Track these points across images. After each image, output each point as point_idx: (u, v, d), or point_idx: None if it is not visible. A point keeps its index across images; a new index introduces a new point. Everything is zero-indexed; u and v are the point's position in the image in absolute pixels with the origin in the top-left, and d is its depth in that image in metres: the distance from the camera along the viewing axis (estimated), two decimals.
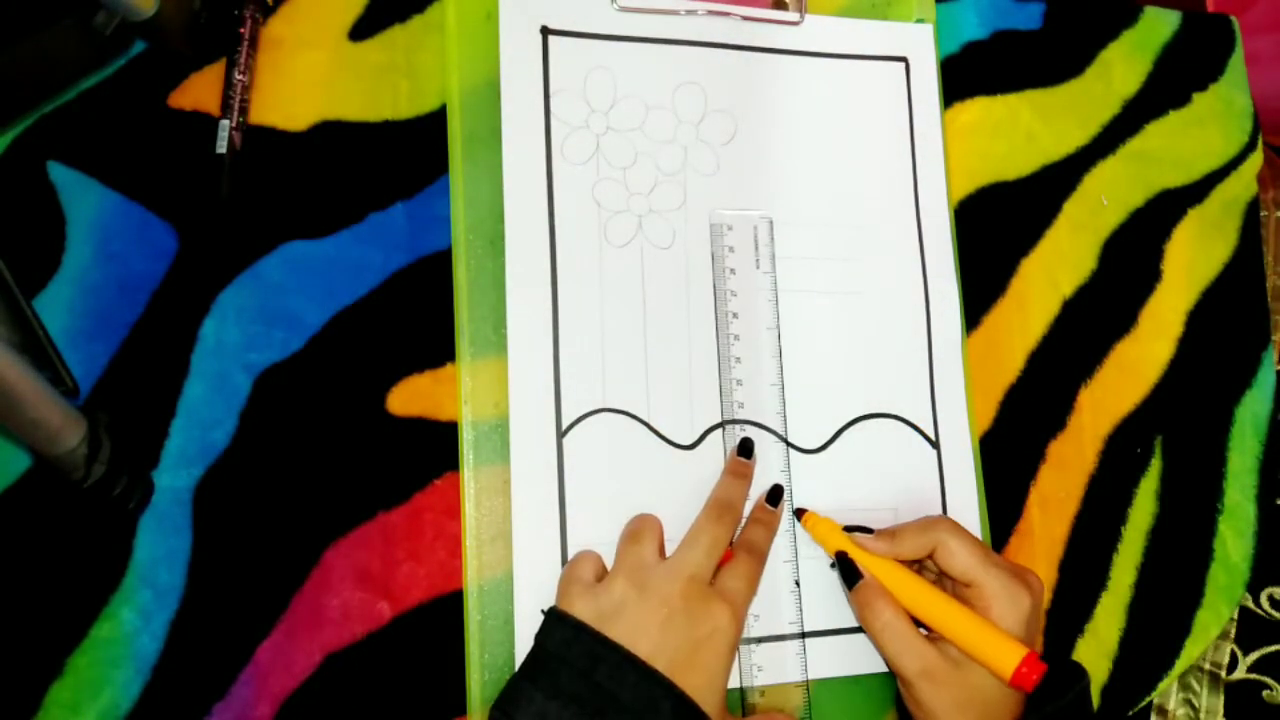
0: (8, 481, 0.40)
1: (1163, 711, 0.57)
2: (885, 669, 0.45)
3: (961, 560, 0.42)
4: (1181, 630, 0.53)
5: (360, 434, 0.43)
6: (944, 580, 0.44)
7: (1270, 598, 0.58)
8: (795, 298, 0.48)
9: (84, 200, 0.42)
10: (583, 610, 0.39)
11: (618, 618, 0.38)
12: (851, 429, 0.48)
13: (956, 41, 0.56)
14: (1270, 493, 0.56)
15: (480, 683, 0.41)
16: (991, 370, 0.52)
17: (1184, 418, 0.55)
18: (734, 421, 0.46)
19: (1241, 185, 0.60)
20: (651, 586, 0.39)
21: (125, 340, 0.42)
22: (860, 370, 0.49)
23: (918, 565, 0.45)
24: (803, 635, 0.45)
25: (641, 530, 0.42)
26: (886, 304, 0.50)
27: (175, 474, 0.41)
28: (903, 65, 0.53)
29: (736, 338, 0.47)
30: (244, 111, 0.44)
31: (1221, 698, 0.57)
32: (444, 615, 0.42)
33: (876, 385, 0.49)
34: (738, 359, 0.46)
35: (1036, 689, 0.40)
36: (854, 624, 0.45)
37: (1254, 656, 0.57)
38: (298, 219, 0.44)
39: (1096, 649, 0.51)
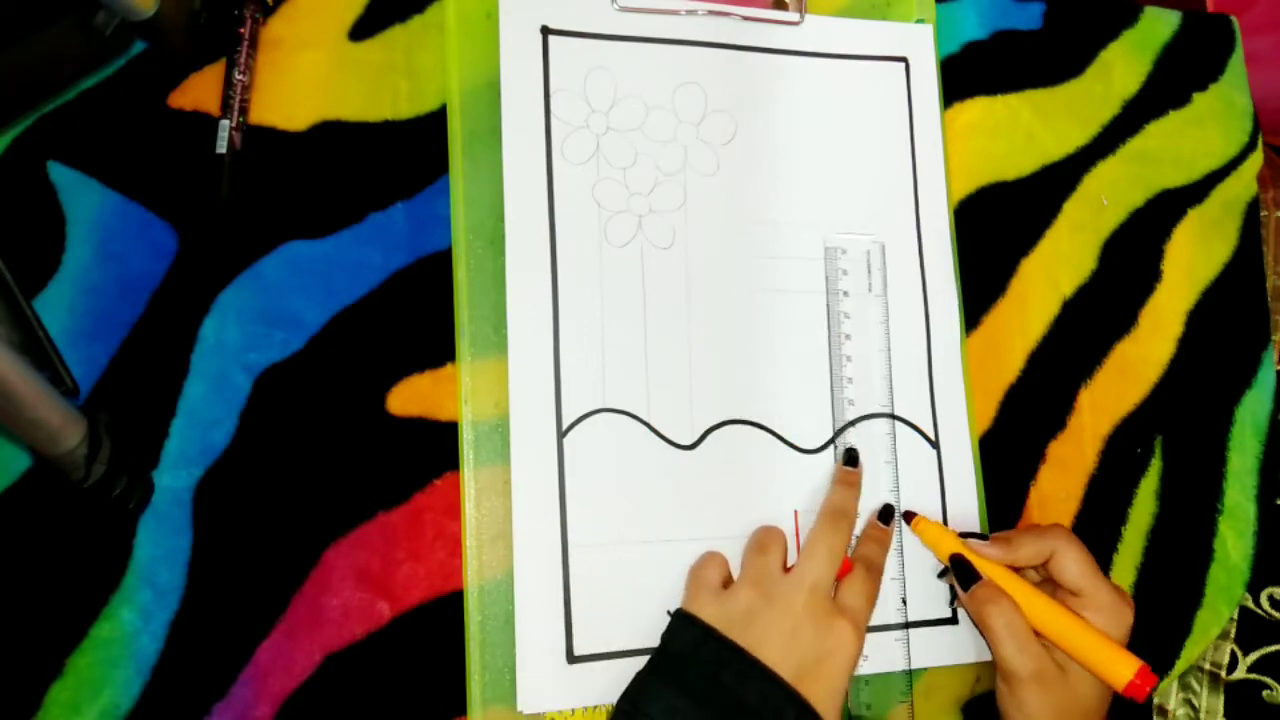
0: (8, 481, 0.40)
1: (1163, 711, 0.57)
2: (897, 668, 0.45)
3: (1075, 570, 0.43)
4: (1182, 630, 0.53)
5: (360, 434, 0.43)
6: (1046, 586, 0.45)
7: (1270, 598, 0.58)
8: (794, 297, 0.48)
9: (84, 200, 0.42)
10: (711, 615, 0.40)
11: (745, 625, 0.39)
12: (851, 429, 0.48)
13: (956, 41, 0.56)
14: (1270, 493, 0.56)
15: (481, 683, 0.41)
16: (991, 370, 0.52)
17: (1184, 418, 0.55)
18: (735, 422, 0.46)
19: (1241, 185, 0.60)
20: (777, 596, 0.40)
21: (125, 340, 0.42)
22: (860, 370, 0.49)
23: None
24: (906, 625, 0.46)
25: (768, 541, 0.43)
26: (886, 304, 0.50)
27: (175, 474, 0.41)
28: (903, 65, 0.53)
29: (849, 359, 0.48)
30: (244, 111, 0.44)
31: (1221, 698, 0.57)
32: (444, 615, 0.42)
33: (876, 386, 0.49)
34: (849, 380, 0.48)
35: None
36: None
37: (1254, 656, 0.57)
38: (298, 219, 0.44)
39: None
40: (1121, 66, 0.59)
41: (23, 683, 0.39)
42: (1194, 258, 0.58)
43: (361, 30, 0.47)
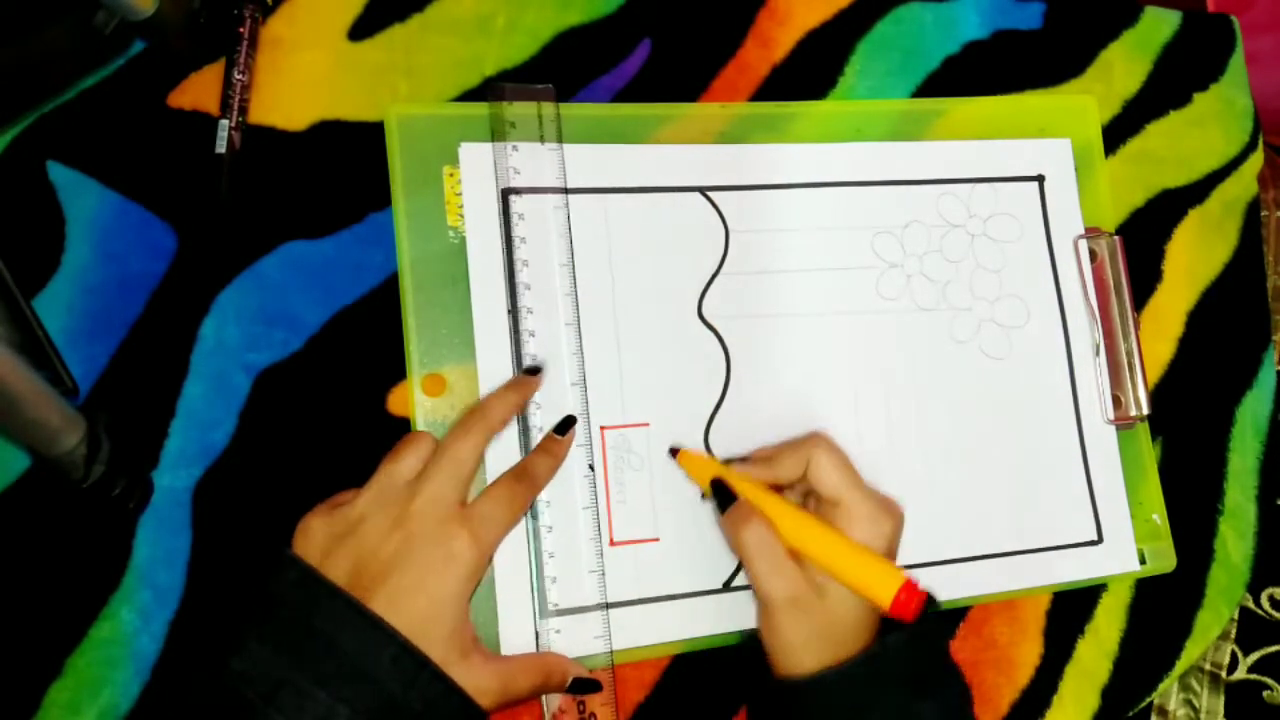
0: (7, 481, 0.40)
1: (1163, 712, 0.57)
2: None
3: (834, 477, 0.41)
4: (1182, 631, 0.53)
5: (360, 434, 0.43)
6: (810, 501, 0.43)
7: (1270, 598, 0.58)
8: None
9: (83, 200, 0.42)
10: (318, 527, 0.37)
11: (350, 536, 0.37)
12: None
13: (957, 41, 0.56)
14: (1271, 493, 0.56)
15: None
16: None
17: (1185, 418, 0.55)
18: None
19: (1242, 185, 0.60)
20: (390, 505, 0.37)
21: (125, 340, 0.42)
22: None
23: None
24: (606, 607, 0.43)
25: (403, 449, 0.40)
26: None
27: (175, 474, 0.41)
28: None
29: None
30: (243, 111, 0.44)
31: (1222, 698, 0.57)
32: None
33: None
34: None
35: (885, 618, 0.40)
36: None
37: (1254, 657, 0.57)
38: (297, 219, 0.44)
39: (1097, 649, 0.51)
40: (1122, 66, 0.59)
41: (22, 683, 0.39)
42: (1194, 258, 0.58)
43: (361, 30, 0.47)
